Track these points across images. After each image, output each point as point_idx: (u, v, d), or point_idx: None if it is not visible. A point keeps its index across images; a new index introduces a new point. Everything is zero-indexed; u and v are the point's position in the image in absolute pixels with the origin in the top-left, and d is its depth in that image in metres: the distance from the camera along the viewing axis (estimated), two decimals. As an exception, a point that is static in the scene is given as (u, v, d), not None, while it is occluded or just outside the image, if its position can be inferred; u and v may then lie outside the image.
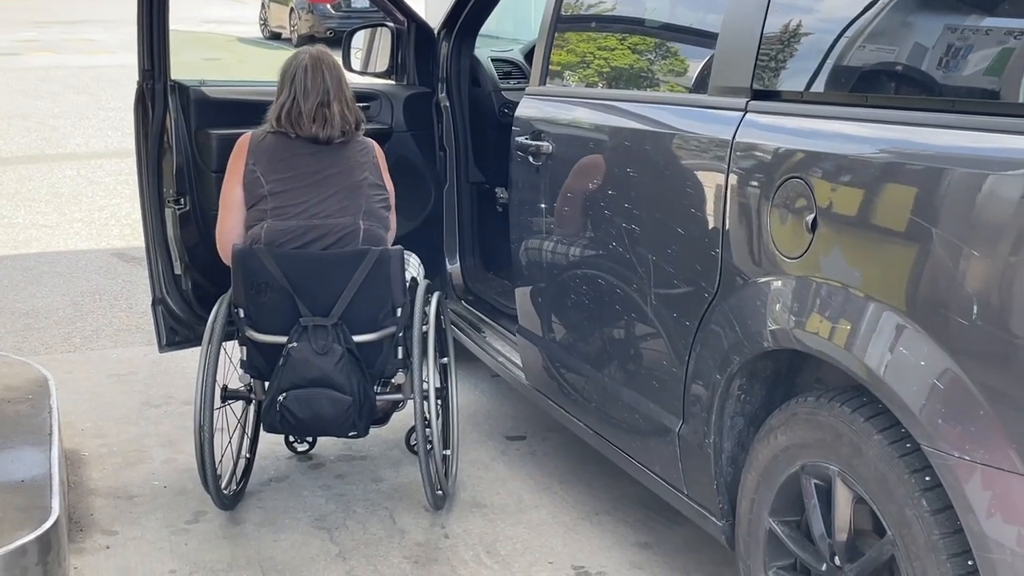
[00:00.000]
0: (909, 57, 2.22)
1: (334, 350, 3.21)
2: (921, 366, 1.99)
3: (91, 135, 11.73)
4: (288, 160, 3.40)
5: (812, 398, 2.33)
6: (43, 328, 5.47)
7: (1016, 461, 1.83)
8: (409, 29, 4.46)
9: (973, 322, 1.88)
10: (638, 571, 3.18)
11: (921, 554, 2.03)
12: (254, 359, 3.39)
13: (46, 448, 3.47)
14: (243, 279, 3.31)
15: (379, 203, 3.45)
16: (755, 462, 2.50)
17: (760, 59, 2.49)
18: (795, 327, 2.29)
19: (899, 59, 2.24)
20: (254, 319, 3.33)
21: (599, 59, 3.37)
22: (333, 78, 3.44)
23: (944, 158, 2.00)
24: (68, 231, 7.59)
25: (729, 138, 2.51)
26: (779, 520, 2.47)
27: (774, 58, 2.49)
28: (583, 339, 3.26)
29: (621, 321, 3.02)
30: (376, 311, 3.31)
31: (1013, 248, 1.83)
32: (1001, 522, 1.86)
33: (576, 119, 3.27)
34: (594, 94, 3.28)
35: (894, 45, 2.27)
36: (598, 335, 3.16)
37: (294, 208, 3.34)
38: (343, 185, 3.38)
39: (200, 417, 3.27)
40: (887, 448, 2.10)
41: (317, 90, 3.39)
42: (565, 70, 3.49)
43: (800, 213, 2.28)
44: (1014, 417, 1.84)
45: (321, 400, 3.21)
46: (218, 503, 3.42)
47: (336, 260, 3.28)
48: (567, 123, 3.31)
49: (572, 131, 3.28)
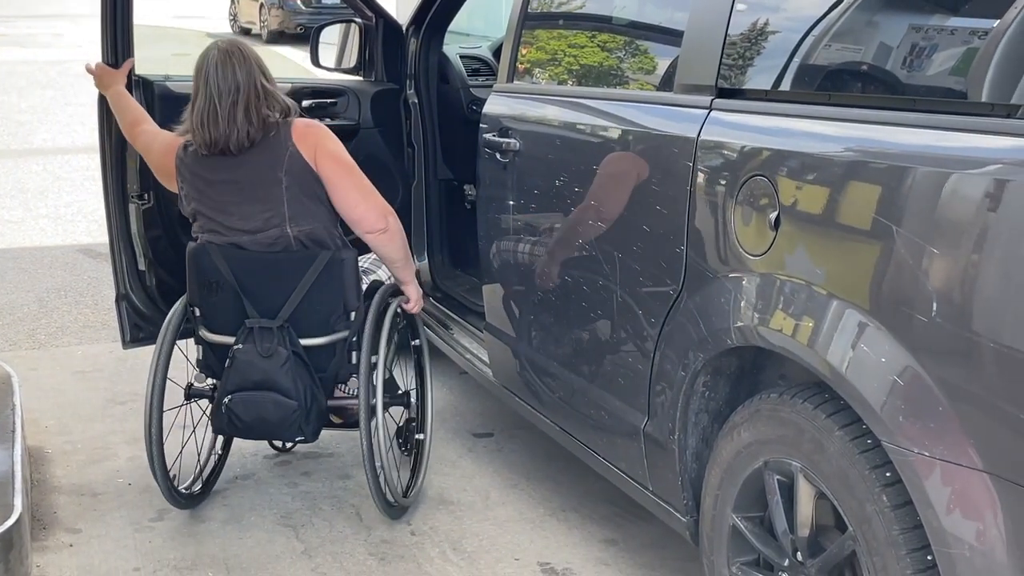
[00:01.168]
0: (873, 56, 2.24)
1: (279, 353, 3.16)
2: (882, 363, 2.00)
3: (57, 131, 11.62)
4: (207, 178, 3.24)
5: (775, 395, 2.35)
6: (7, 325, 5.42)
7: (974, 457, 1.85)
8: (377, 25, 4.45)
9: (933, 320, 1.90)
10: (604, 567, 3.19)
11: (881, 549, 2.05)
12: (208, 358, 3.38)
13: (9, 445, 3.44)
14: (195, 277, 3.29)
15: (310, 200, 3.22)
16: (719, 458, 2.52)
17: (725, 57, 2.50)
18: (758, 324, 2.31)
19: (863, 58, 2.26)
20: (207, 318, 3.31)
21: (567, 56, 3.37)
22: (244, 72, 3.17)
23: (907, 157, 2.01)
24: (34, 227, 7.52)
25: (694, 136, 2.52)
26: (742, 516, 2.48)
27: (739, 56, 2.50)
28: (550, 336, 3.26)
29: (587, 318, 3.02)
30: (327, 314, 3.25)
31: (974, 247, 1.85)
32: (959, 518, 1.88)
33: (543, 116, 3.27)
34: (562, 91, 3.28)
35: (859, 44, 2.28)
36: (565, 332, 3.16)
37: (223, 226, 3.24)
38: (258, 195, 3.20)
39: (149, 417, 3.24)
40: (848, 444, 2.12)
41: (229, 88, 3.15)
42: (533, 67, 3.49)
43: (763, 211, 2.29)
44: (972, 414, 1.85)
45: (266, 403, 3.16)
46: (172, 502, 3.39)
47: (286, 261, 3.22)
48: (534, 120, 3.31)
49: (539, 128, 3.28)
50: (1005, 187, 1.80)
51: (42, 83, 15.12)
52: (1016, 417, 1.78)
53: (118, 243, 3.80)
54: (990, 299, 1.82)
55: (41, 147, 10.72)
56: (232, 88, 3.15)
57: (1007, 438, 1.80)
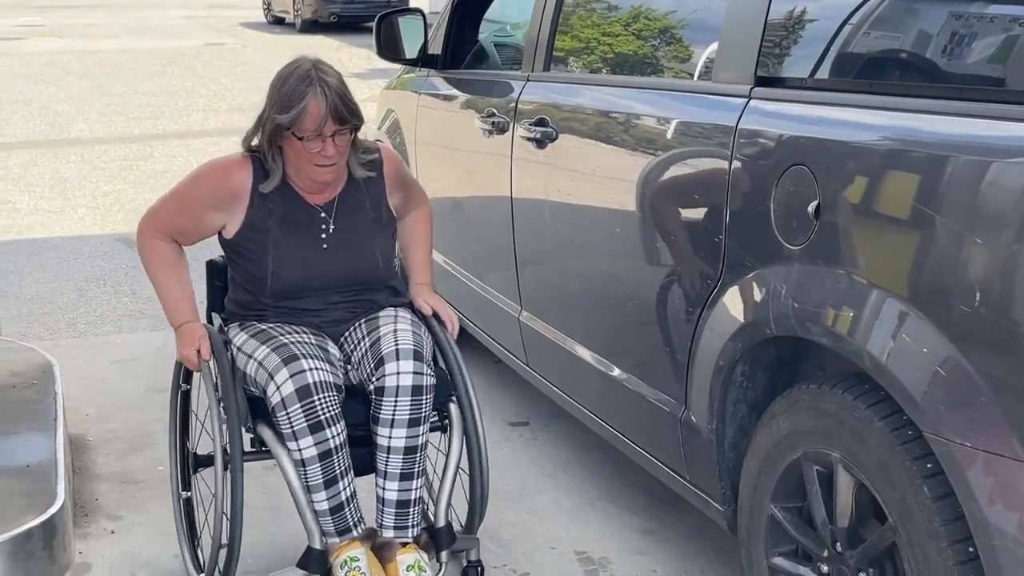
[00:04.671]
0: (913, 44, 2.22)
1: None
2: (924, 353, 1.99)
3: (94, 120, 11.74)
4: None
5: (814, 385, 2.33)
6: (48, 313, 5.49)
7: (1018, 448, 1.83)
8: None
9: (976, 310, 1.88)
10: (640, 557, 3.19)
11: (922, 540, 2.04)
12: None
13: (51, 433, 3.48)
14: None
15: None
16: (757, 448, 2.51)
17: (764, 46, 2.49)
18: (797, 314, 2.29)
19: (903, 46, 2.24)
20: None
21: (603, 45, 3.36)
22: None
23: (948, 145, 1.99)
24: (72, 216, 7.60)
25: (733, 125, 2.51)
26: (781, 506, 2.47)
27: (778, 45, 2.48)
28: (587, 324, 3.26)
29: (626, 307, 3.02)
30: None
31: (1016, 236, 1.83)
32: (1003, 509, 1.87)
33: (580, 105, 3.26)
34: (597, 79, 3.27)
35: (898, 32, 2.26)
36: (602, 321, 3.16)
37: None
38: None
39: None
40: (889, 435, 2.10)
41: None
42: (569, 55, 3.48)
43: (803, 200, 2.28)
44: (1016, 404, 1.84)
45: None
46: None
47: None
48: (571, 109, 3.30)
49: (576, 117, 3.27)
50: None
51: (79, 73, 15.28)
52: (1060, 408, 1.77)
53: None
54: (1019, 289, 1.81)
55: (79, 137, 10.84)
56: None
57: (1051, 429, 1.79)
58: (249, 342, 2.81)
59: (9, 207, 7.86)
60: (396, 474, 2.78)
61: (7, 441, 3.45)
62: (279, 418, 2.67)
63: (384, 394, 2.73)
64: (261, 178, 2.83)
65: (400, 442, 2.76)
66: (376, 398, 2.75)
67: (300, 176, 2.83)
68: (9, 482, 3.19)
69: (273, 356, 2.70)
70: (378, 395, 2.75)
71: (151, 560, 3.18)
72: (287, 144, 2.76)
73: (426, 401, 2.76)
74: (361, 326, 2.91)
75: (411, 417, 2.75)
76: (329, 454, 2.70)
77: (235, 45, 19.39)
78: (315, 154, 2.74)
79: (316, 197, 2.88)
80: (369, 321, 2.91)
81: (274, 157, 2.81)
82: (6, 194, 8.26)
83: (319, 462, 2.69)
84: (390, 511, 2.80)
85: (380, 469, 2.79)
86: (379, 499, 2.82)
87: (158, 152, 9.94)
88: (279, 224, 2.84)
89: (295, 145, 2.75)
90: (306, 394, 2.64)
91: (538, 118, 3.40)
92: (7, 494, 3.11)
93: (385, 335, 2.80)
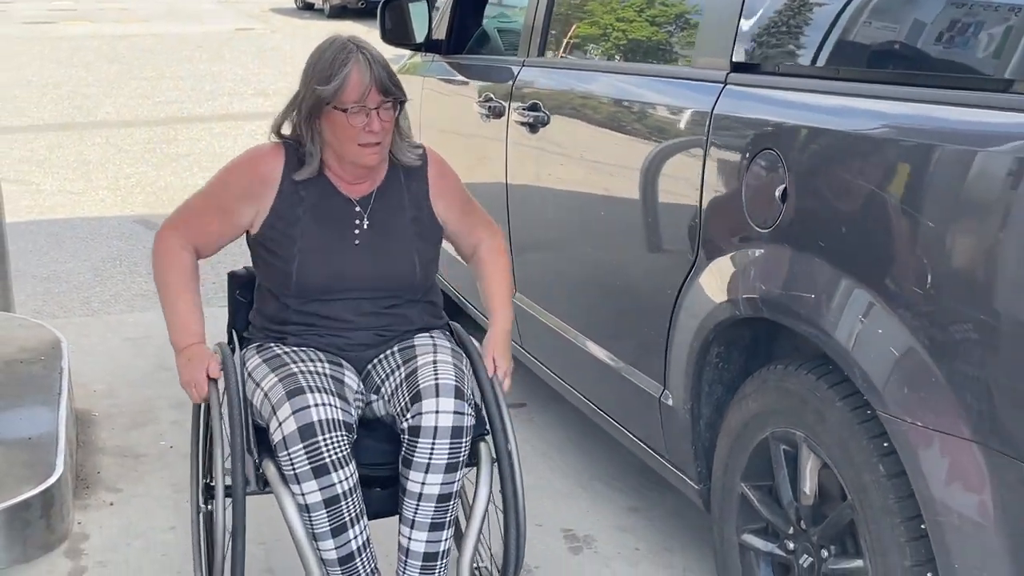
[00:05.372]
0: (882, 32, 2.24)
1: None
2: (879, 335, 2.03)
3: (122, 104, 11.86)
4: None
5: (781, 366, 2.38)
6: (63, 292, 5.59)
7: (964, 427, 1.87)
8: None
9: (928, 293, 1.92)
10: (624, 534, 3.25)
11: (877, 517, 2.08)
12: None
13: (55, 407, 3.57)
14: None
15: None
16: (729, 428, 2.56)
17: (740, 32, 2.53)
18: (764, 296, 2.34)
19: (872, 34, 2.27)
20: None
21: (593, 30, 3.41)
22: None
23: (911, 132, 2.03)
24: (94, 198, 7.72)
25: (708, 109, 2.55)
26: (751, 485, 2.52)
27: (754, 31, 2.52)
28: (573, 306, 3.31)
29: (608, 289, 3.07)
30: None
31: (968, 223, 1.86)
32: (949, 486, 1.91)
33: (568, 89, 3.31)
34: (585, 64, 3.32)
35: (868, 20, 2.29)
36: (586, 302, 3.22)
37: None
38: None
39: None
40: (848, 415, 2.15)
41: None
42: (560, 41, 3.52)
43: (772, 184, 2.32)
44: (964, 386, 1.87)
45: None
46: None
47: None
48: (559, 93, 3.35)
49: (563, 100, 3.32)
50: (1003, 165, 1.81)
51: (109, 57, 15.43)
52: (1005, 389, 1.80)
53: None
54: (982, 275, 1.84)
55: (105, 120, 10.96)
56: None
57: (996, 410, 1.82)
58: (260, 368, 2.53)
59: (33, 188, 7.98)
60: (426, 524, 2.46)
61: (11, 414, 3.54)
62: (280, 458, 2.38)
63: (420, 435, 2.41)
64: (294, 166, 2.59)
65: (435, 489, 2.44)
66: (410, 438, 2.43)
67: (342, 162, 2.58)
68: (11, 453, 3.28)
69: (279, 387, 2.42)
70: (413, 435, 2.43)
71: (147, 531, 3.27)
72: (328, 123, 2.50)
73: (465, 444, 2.45)
74: (395, 354, 2.62)
75: (449, 462, 2.42)
76: (336, 500, 2.39)
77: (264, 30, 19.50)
78: (359, 130, 2.47)
79: (354, 189, 2.62)
80: (404, 349, 2.62)
81: (313, 139, 2.56)
82: (30, 175, 8.39)
83: (324, 508, 2.39)
84: (415, 564, 2.49)
85: (407, 517, 2.47)
86: (402, 549, 2.49)
87: (182, 135, 10.05)
88: (309, 214, 2.59)
89: (338, 122, 2.49)
90: (309, 434, 2.34)
91: (531, 103, 3.44)
92: (8, 465, 3.20)
93: (423, 366, 2.50)
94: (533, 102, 3.44)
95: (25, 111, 11.37)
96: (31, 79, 13.46)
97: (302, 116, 2.56)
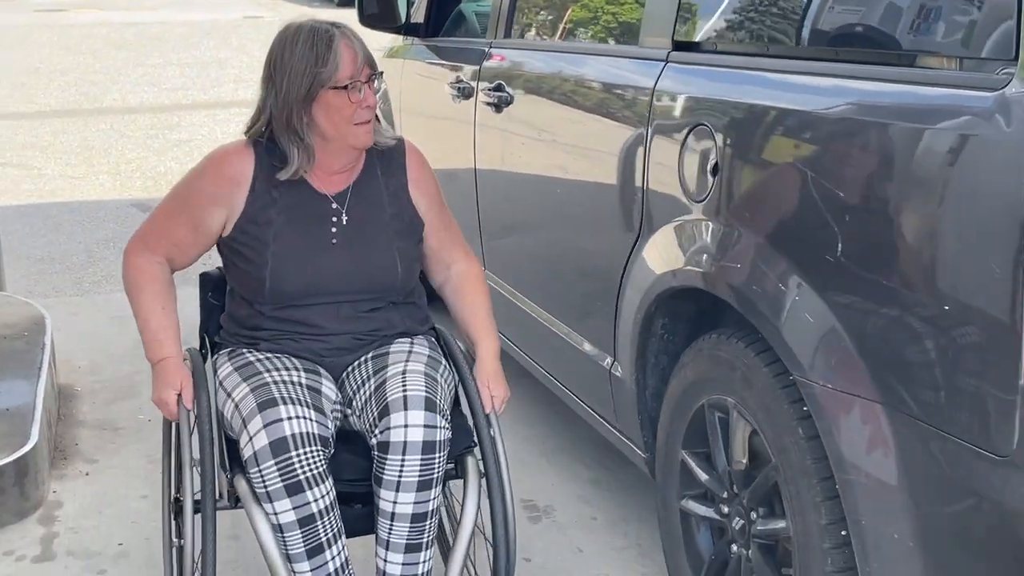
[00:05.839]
0: (808, 11, 2.31)
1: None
2: (796, 303, 2.10)
3: (128, 90, 11.96)
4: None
5: (714, 335, 2.45)
6: (56, 273, 5.70)
7: (872, 388, 1.94)
8: None
9: (840, 264, 1.99)
10: (583, 504, 3.33)
11: (796, 478, 2.15)
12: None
13: (34, 381, 3.67)
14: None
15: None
16: (670, 397, 2.63)
17: (681, 12, 2.60)
18: (695, 267, 2.41)
19: (800, 13, 2.33)
20: None
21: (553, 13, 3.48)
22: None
23: (832, 106, 2.09)
24: (94, 182, 7.82)
25: (651, 86, 2.62)
26: (690, 452, 2.60)
27: (692, 12, 2.59)
28: (534, 282, 3.39)
29: (566, 264, 3.15)
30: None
31: (879, 198, 1.93)
32: (857, 446, 1.98)
33: (530, 70, 3.39)
34: (546, 46, 3.40)
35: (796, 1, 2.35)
36: (548, 279, 3.29)
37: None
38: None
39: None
40: (771, 380, 2.22)
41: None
42: (524, 23, 3.60)
43: (705, 158, 2.39)
44: (870, 348, 1.94)
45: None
46: None
47: None
48: (524, 74, 3.43)
49: (523, 81, 3.39)
50: (915, 141, 1.88)
51: (117, 44, 15.53)
52: (907, 354, 1.87)
53: None
54: (889, 249, 1.90)
55: (111, 106, 11.06)
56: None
57: (899, 372, 1.89)
58: (231, 376, 2.41)
59: (35, 173, 8.09)
60: (401, 545, 2.34)
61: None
62: (251, 475, 2.24)
63: (389, 451, 2.29)
64: (265, 165, 2.46)
65: (407, 508, 2.31)
66: (379, 455, 2.31)
67: (336, 148, 2.45)
68: (-12, 424, 3.38)
69: (250, 399, 2.29)
70: (382, 451, 2.30)
71: (119, 499, 3.36)
72: (322, 107, 2.37)
73: (439, 459, 2.32)
74: (367, 363, 2.48)
75: (421, 479, 2.30)
76: (311, 519, 2.26)
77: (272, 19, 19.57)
78: (356, 107, 2.37)
79: (329, 183, 2.50)
80: (377, 358, 2.48)
81: (301, 133, 2.40)
82: (33, 160, 8.50)
83: (299, 528, 2.26)
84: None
85: (382, 537, 2.35)
86: (379, 572, 2.38)
87: (184, 122, 10.14)
88: (283, 215, 2.45)
89: (334, 103, 2.36)
90: (282, 449, 2.22)
91: (496, 83, 3.52)
92: (-16, 435, 3.30)
93: (392, 376, 2.38)
94: (498, 83, 3.51)
95: (32, 97, 11.48)
96: (39, 66, 13.57)
97: (286, 112, 2.38)
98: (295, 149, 2.42)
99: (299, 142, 2.41)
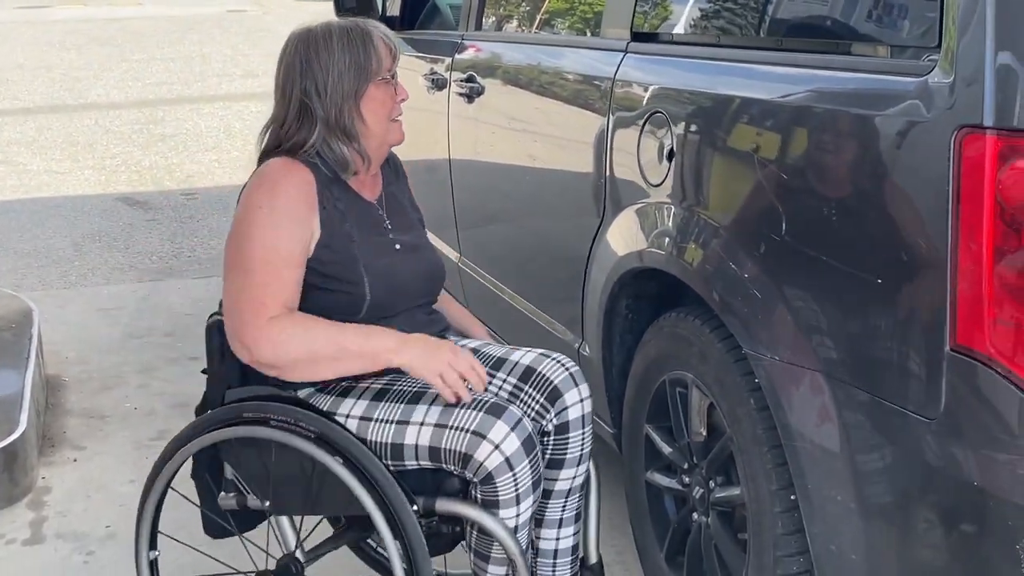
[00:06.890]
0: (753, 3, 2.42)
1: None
2: (744, 279, 2.21)
3: (112, 86, 12.03)
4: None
5: (674, 313, 2.56)
6: (43, 267, 5.79)
7: (814, 359, 2.05)
8: None
9: (783, 239, 2.10)
10: (557, 482, 3.43)
11: (748, 447, 2.26)
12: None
13: (22, 371, 3.77)
14: None
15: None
16: (634, 374, 2.74)
17: (639, 4, 2.70)
18: (656, 248, 2.52)
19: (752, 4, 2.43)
20: None
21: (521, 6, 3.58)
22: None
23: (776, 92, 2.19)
24: (79, 177, 7.91)
25: (611, 75, 2.73)
26: (654, 426, 2.71)
27: (650, 3, 2.69)
28: (507, 267, 3.50)
29: (536, 249, 3.26)
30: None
31: (817, 178, 2.04)
32: (801, 414, 2.09)
33: (500, 62, 3.49)
34: (514, 37, 3.51)
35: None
36: (519, 263, 3.40)
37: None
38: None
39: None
40: (725, 355, 2.33)
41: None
42: (494, 15, 3.70)
43: (661, 143, 2.49)
44: (811, 322, 2.05)
45: None
46: None
47: None
48: (494, 66, 3.53)
49: (493, 72, 3.50)
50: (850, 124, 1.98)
51: (101, 40, 15.58)
52: (844, 323, 1.98)
53: None
54: (827, 227, 2.00)
55: (95, 102, 11.14)
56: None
57: (838, 343, 2.00)
58: (393, 408, 2.22)
59: (20, 168, 8.17)
60: (572, 517, 2.40)
61: (-21, 377, 3.74)
62: (500, 482, 2.13)
63: (570, 429, 2.36)
64: (322, 177, 2.29)
65: (581, 479, 2.40)
66: (559, 436, 2.36)
67: (375, 147, 2.36)
68: (-23, 413, 3.48)
69: (466, 413, 2.16)
70: (561, 432, 2.36)
71: (106, 484, 3.47)
72: (368, 105, 2.30)
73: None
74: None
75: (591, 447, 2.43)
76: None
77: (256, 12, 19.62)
78: (396, 102, 2.34)
79: (371, 190, 2.42)
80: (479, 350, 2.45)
81: (350, 134, 2.30)
82: (18, 156, 8.58)
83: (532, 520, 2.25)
84: (565, 560, 2.41)
85: (553, 518, 2.38)
86: (547, 552, 2.40)
87: (168, 116, 10.23)
88: (355, 227, 2.32)
89: (377, 98, 2.31)
90: (531, 445, 2.17)
91: (468, 74, 3.62)
92: (-26, 423, 3.40)
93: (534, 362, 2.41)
94: (470, 74, 3.61)
95: (17, 94, 11.55)
96: (23, 63, 13.62)
97: (335, 112, 2.28)
98: (348, 150, 2.30)
99: (349, 142, 2.30)
